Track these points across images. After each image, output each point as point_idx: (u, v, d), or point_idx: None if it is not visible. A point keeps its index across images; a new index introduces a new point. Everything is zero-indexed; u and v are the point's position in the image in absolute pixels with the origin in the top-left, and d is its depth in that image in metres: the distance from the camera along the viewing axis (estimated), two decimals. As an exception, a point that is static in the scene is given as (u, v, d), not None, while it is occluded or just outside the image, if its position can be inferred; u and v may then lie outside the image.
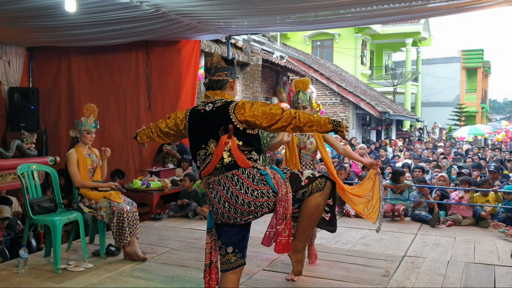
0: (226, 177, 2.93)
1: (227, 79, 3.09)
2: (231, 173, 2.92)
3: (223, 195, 2.93)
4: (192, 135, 3.11)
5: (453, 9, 6.23)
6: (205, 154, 2.99)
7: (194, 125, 3.08)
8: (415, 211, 7.23)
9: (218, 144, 2.92)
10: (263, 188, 2.91)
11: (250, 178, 2.92)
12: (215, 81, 3.07)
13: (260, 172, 2.96)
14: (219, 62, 3.09)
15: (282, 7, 6.15)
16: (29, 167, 4.94)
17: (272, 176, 2.95)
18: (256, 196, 2.90)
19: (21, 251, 4.46)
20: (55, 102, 8.74)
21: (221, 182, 2.94)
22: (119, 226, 4.83)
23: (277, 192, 2.92)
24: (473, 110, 38.63)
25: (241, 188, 2.90)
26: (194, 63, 8.28)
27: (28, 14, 5.96)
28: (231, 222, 3.01)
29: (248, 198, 2.90)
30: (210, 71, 3.09)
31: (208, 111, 3.00)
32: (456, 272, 4.63)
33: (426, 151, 15.74)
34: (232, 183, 2.91)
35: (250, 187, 2.90)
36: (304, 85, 4.59)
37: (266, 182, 2.93)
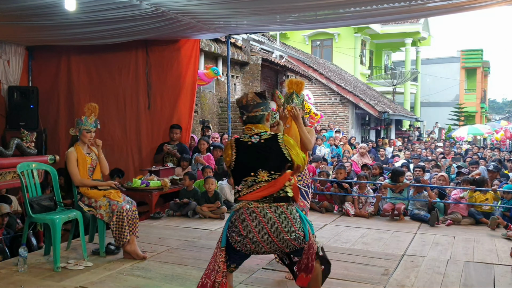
0: (271, 208, 3.11)
1: (263, 113, 3.32)
2: (278, 206, 3.13)
3: (266, 228, 3.09)
4: (240, 164, 3.23)
5: (452, 8, 6.24)
6: (254, 181, 3.14)
7: (242, 155, 3.22)
8: (414, 210, 7.23)
9: (275, 174, 3.13)
10: (299, 233, 3.13)
11: (294, 217, 3.15)
12: (253, 116, 3.29)
13: (298, 212, 3.22)
14: (254, 99, 3.30)
15: (281, 6, 6.16)
16: (29, 166, 4.94)
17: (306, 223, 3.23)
18: (294, 238, 3.11)
19: (21, 249, 4.46)
20: (54, 101, 8.74)
21: (267, 214, 3.10)
22: (119, 225, 4.83)
23: (307, 240, 3.17)
24: (472, 110, 38.64)
25: (285, 226, 3.10)
26: (193, 62, 8.28)
27: (28, 13, 5.96)
28: (256, 250, 3.16)
29: (287, 237, 3.10)
30: (248, 109, 3.29)
31: (256, 143, 3.20)
32: (455, 271, 4.63)
33: (425, 151, 15.75)
34: (277, 217, 3.10)
35: (292, 227, 3.12)
36: (298, 87, 4.53)
37: (302, 226, 3.17)
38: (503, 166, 10.72)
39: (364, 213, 7.40)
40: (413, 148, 17.20)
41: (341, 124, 19.84)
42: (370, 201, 7.65)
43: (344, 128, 19.36)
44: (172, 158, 8.03)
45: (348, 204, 7.55)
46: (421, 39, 32.60)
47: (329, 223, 6.86)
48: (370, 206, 7.55)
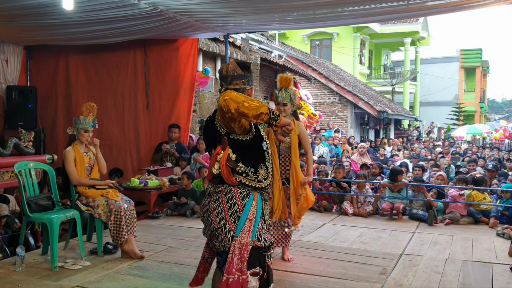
0: (215, 190, 2.93)
1: (244, 87, 2.99)
2: (218, 186, 2.91)
3: (206, 206, 2.97)
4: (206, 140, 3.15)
5: (451, 7, 6.23)
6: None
7: (203, 133, 3.14)
8: (412, 210, 7.23)
9: None
10: (230, 223, 2.82)
11: (229, 203, 2.84)
12: (232, 89, 2.95)
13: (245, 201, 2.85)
14: (235, 69, 3.00)
15: (280, 5, 6.15)
16: (26, 165, 4.93)
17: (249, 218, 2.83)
18: (221, 226, 2.84)
19: (18, 249, 4.45)
20: (52, 100, 8.73)
21: (210, 194, 2.95)
22: (117, 224, 4.82)
23: (236, 237, 2.80)
24: (471, 109, 38.65)
25: (216, 208, 2.87)
26: (192, 61, 8.28)
27: (26, 12, 5.95)
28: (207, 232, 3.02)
29: (215, 222, 2.86)
30: (227, 80, 2.99)
31: (209, 119, 3.06)
32: (453, 270, 4.63)
33: (424, 150, 15.75)
34: (214, 198, 2.90)
35: (223, 212, 2.83)
36: (287, 82, 4.76)
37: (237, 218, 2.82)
38: (502, 166, 10.72)
39: (362, 212, 7.39)
40: (412, 148, 17.19)
41: (340, 123, 19.84)
42: (368, 201, 7.64)
43: (343, 128, 19.36)
44: (170, 157, 8.02)
45: (347, 204, 7.55)
46: (420, 38, 32.61)
47: (327, 223, 6.85)
48: (368, 205, 7.55)
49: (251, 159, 2.88)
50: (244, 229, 2.80)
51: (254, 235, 2.82)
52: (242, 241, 2.78)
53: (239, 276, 2.74)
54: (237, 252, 2.76)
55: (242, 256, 2.76)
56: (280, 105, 4.71)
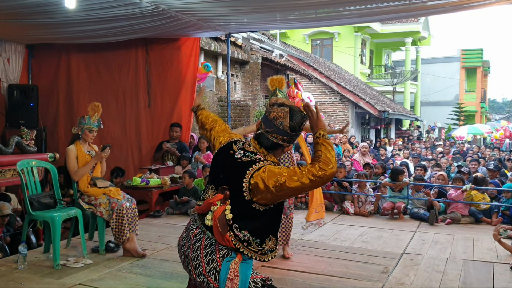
0: (197, 231, 2.46)
1: (282, 144, 2.44)
2: (201, 233, 2.43)
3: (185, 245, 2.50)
4: (211, 168, 2.64)
5: (452, 7, 6.24)
6: (204, 195, 2.53)
7: (216, 159, 2.59)
8: (413, 209, 7.24)
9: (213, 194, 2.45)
10: (209, 278, 2.33)
11: (207, 257, 2.36)
12: (266, 139, 2.43)
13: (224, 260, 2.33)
14: (283, 122, 2.40)
15: (282, 4, 6.16)
16: (29, 163, 4.94)
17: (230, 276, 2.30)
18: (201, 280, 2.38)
19: (20, 247, 4.46)
20: (54, 99, 8.73)
21: (192, 231, 2.48)
22: (119, 223, 4.84)
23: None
24: (472, 109, 38.65)
25: (194, 259, 2.40)
26: (193, 60, 8.28)
27: (28, 11, 5.95)
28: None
29: (193, 274, 2.41)
30: (267, 123, 2.44)
31: (234, 158, 2.45)
32: (454, 269, 4.64)
33: (425, 150, 15.76)
34: (193, 244, 2.43)
35: (200, 266, 2.37)
36: (279, 83, 4.74)
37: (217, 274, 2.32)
38: (503, 166, 10.72)
39: (363, 211, 7.40)
40: (412, 148, 17.20)
41: (341, 123, 19.83)
42: (369, 200, 7.65)
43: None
44: (171, 156, 8.03)
45: (348, 203, 7.56)
46: (421, 38, 32.62)
47: (328, 222, 6.86)
48: (369, 204, 7.55)
49: (261, 229, 2.37)
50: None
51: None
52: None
53: None
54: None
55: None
56: None
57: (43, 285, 4.04)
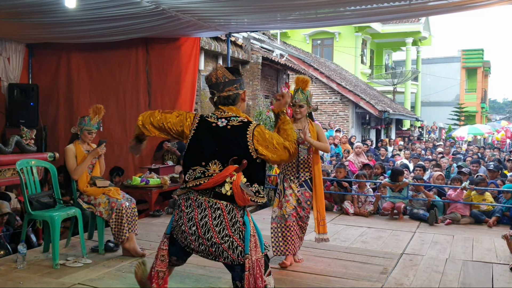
0: (209, 203, 2.74)
1: (237, 92, 2.88)
2: (217, 203, 2.73)
3: (196, 218, 2.75)
4: (194, 148, 2.84)
5: (453, 7, 6.23)
6: (203, 173, 2.76)
7: (201, 137, 2.83)
8: (413, 209, 7.23)
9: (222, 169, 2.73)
10: (236, 240, 2.73)
11: (232, 221, 2.74)
12: (225, 97, 2.86)
13: (243, 218, 2.78)
14: (224, 75, 2.86)
15: (282, 4, 6.15)
16: (28, 163, 4.94)
17: (252, 234, 2.78)
18: (225, 242, 2.73)
19: (20, 246, 4.46)
20: (54, 98, 8.73)
21: (201, 205, 2.75)
22: (118, 222, 4.83)
23: (247, 254, 2.73)
24: (472, 110, 38.65)
25: (218, 225, 2.71)
26: (193, 60, 8.27)
27: (28, 10, 5.96)
28: (185, 244, 2.86)
29: (216, 238, 2.72)
30: (218, 88, 2.86)
31: (221, 128, 2.78)
32: (454, 269, 4.64)
33: (424, 151, 15.76)
34: (211, 213, 2.72)
35: (226, 229, 2.72)
36: (303, 83, 4.66)
37: (243, 235, 2.75)
38: (503, 166, 10.71)
39: (363, 212, 7.40)
40: (413, 148, 17.20)
41: (341, 123, 19.83)
42: (369, 200, 7.65)
43: (344, 127, 19.36)
44: (172, 156, 8.03)
45: (348, 203, 7.56)
46: (422, 38, 32.60)
47: (328, 222, 6.81)
48: (369, 205, 7.55)
49: (262, 178, 2.83)
50: (251, 245, 2.75)
51: (263, 248, 2.86)
52: (254, 258, 2.75)
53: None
54: (252, 269, 2.73)
55: (260, 272, 2.76)
56: (296, 107, 4.65)
57: (42, 285, 4.04)
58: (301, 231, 4.77)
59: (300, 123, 4.70)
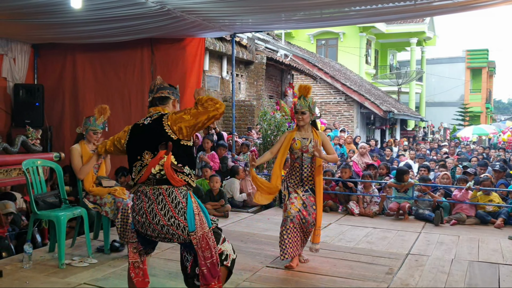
0: (153, 191, 3.04)
1: (169, 96, 3.27)
2: (158, 189, 3.03)
3: (145, 207, 3.05)
4: (130, 148, 3.22)
5: (458, 7, 6.23)
6: (141, 165, 3.09)
7: (133, 138, 3.21)
8: (418, 210, 7.21)
9: (154, 156, 3.04)
10: (180, 220, 3.00)
11: (174, 202, 3.01)
12: (158, 98, 3.24)
13: (185, 199, 3.04)
14: (162, 83, 3.30)
15: (287, 5, 6.16)
16: (34, 163, 4.95)
17: (196, 212, 3.05)
18: (171, 224, 3.01)
19: (26, 246, 4.48)
20: (59, 98, 8.75)
21: (147, 195, 3.05)
22: (124, 222, 4.83)
23: (193, 231, 3.00)
24: (477, 110, 38.53)
25: (162, 209, 3.01)
26: (198, 60, 8.27)
27: (34, 11, 5.97)
28: (143, 232, 3.13)
29: (163, 221, 3.01)
30: (153, 91, 3.26)
31: (146, 124, 3.15)
32: (460, 270, 4.62)
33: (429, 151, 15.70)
34: (156, 199, 3.02)
35: (170, 212, 3.00)
36: (306, 90, 4.74)
37: (185, 215, 3.01)
38: (508, 167, 10.66)
39: (368, 212, 7.39)
40: (417, 148, 17.16)
41: (346, 123, 19.81)
42: (375, 201, 7.63)
43: (349, 128, 19.34)
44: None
45: (353, 203, 7.55)
46: (427, 39, 32.53)
47: (333, 222, 6.85)
48: (375, 205, 7.54)
49: (191, 163, 3.15)
50: (196, 223, 3.02)
51: (209, 223, 3.13)
52: (199, 234, 3.02)
53: (211, 260, 3.04)
54: (200, 244, 3.02)
55: (207, 245, 3.04)
56: (298, 114, 4.68)
57: (48, 284, 4.05)
58: (304, 235, 4.75)
59: (304, 131, 4.73)
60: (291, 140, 4.68)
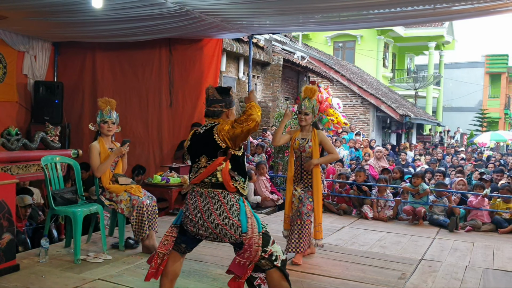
0: (209, 193, 3.25)
1: (222, 109, 3.39)
2: (214, 191, 3.24)
3: (200, 206, 3.24)
4: (190, 152, 3.47)
5: (478, 12, 6.17)
6: (197, 167, 3.31)
7: (192, 144, 3.43)
8: (433, 215, 7.17)
9: (210, 160, 3.25)
10: (234, 220, 3.19)
11: (228, 204, 3.22)
12: (211, 111, 3.40)
13: (239, 202, 3.25)
14: (214, 94, 3.41)
15: (305, 7, 6.16)
16: (53, 159, 5.03)
17: (248, 216, 3.25)
18: (225, 223, 3.19)
19: (43, 240, 4.56)
20: (79, 96, 8.87)
21: (203, 195, 3.27)
22: (138, 220, 4.90)
23: (245, 232, 3.18)
24: (496, 116, 38.01)
25: (217, 209, 3.21)
26: (215, 61, 8.33)
27: (55, 9, 6.08)
28: (195, 231, 3.28)
29: (218, 220, 3.19)
30: (207, 103, 3.43)
31: (201, 133, 3.37)
32: (474, 277, 4.59)
33: (447, 156, 15.55)
34: (212, 200, 3.23)
35: (225, 212, 3.20)
36: (311, 93, 4.99)
37: (239, 216, 3.21)
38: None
39: (382, 216, 7.36)
40: (433, 153, 17.01)
41: (361, 126, 19.72)
42: (389, 205, 7.60)
43: (364, 131, 19.25)
44: (192, 155, 8.08)
45: (367, 207, 7.53)
46: (445, 43, 32.22)
47: (347, 226, 6.84)
48: (389, 209, 7.51)
49: (243, 172, 3.33)
50: (248, 225, 3.20)
51: (260, 227, 3.29)
52: (250, 236, 3.19)
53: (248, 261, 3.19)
54: (249, 245, 3.18)
55: (250, 247, 3.18)
56: (301, 114, 4.95)
57: (63, 279, 4.12)
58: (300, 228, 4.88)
59: (305, 132, 4.99)
60: (293, 140, 4.98)
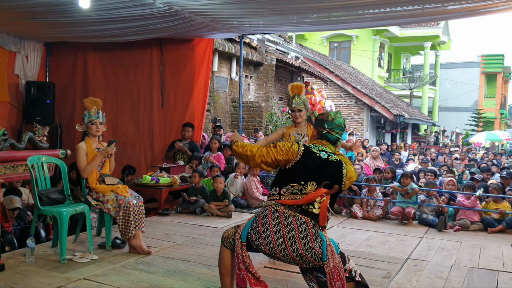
0: (295, 218, 3.14)
1: (339, 138, 3.43)
2: (301, 218, 3.14)
3: (283, 231, 3.13)
4: (298, 171, 3.24)
5: (467, 12, 6.22)
6: (299, 190, 3.18)
7: (305, 163, 3.24)
8: (422, 215, 7.18)
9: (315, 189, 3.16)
10: (317, 250, 3.12)
11: (315, 234, 3.13)
12: (333, 136, 3.38)
13: (321, 235, 3.17)
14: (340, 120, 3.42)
15: (294, 7, 6.18)
16: (39, 159, 5.04)
17: (328, 243, 3.17)
18: (308, 253, 3.12)
19: (28, 240, 4.56)
20: (70, 96, 8.90)
21: (288, 219, 3.14)
22: (125, 220, 4.90)
23: (325, 261, 3.12)
24: (491, 116, 38.14)
25: (303, 238, 3.11)
26: (207, 61, 8.36)
27: (44, 10, 6.10)
28: (269, 253, 3.20)
29: (301, 250, 3.11)
30: (331, 125, 3.38)
31: (323, 158, 3.26)
32: (458, 276, 4.61)
33: (441, 156, 15.60)
34: (298, 227, 3.12)
35: (310, 242, 3.11)
36: (298, 89, 5.00)
37: (321, 244, 3.14)
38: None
39: (372, 216, 7.38)
40: (426, 153, 17.06)
41: (356, 126, 19.77)
42: (378, 205, 7.62)
43: (358, 131, 19.29)
44: (183, 155, 8.10)
45: (356, 207, 7.55)
46: (441, 43, 32.31)
47: (336, 225, 6.86)
48: (378, 209, 7.53)
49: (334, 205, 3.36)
50: (328, 254, 3.12)
51: (337, 250, 3.25)
52: (332, 265, 3.12)
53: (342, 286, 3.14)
54: (332, 275, 3.11)
55: (339, 276, 3.13)
56: (295, 112, 4.97)
57: (48, 278, 4.12)
58: None
59: (300, 128, 5.01)
60: (288, 136, 4.96)
